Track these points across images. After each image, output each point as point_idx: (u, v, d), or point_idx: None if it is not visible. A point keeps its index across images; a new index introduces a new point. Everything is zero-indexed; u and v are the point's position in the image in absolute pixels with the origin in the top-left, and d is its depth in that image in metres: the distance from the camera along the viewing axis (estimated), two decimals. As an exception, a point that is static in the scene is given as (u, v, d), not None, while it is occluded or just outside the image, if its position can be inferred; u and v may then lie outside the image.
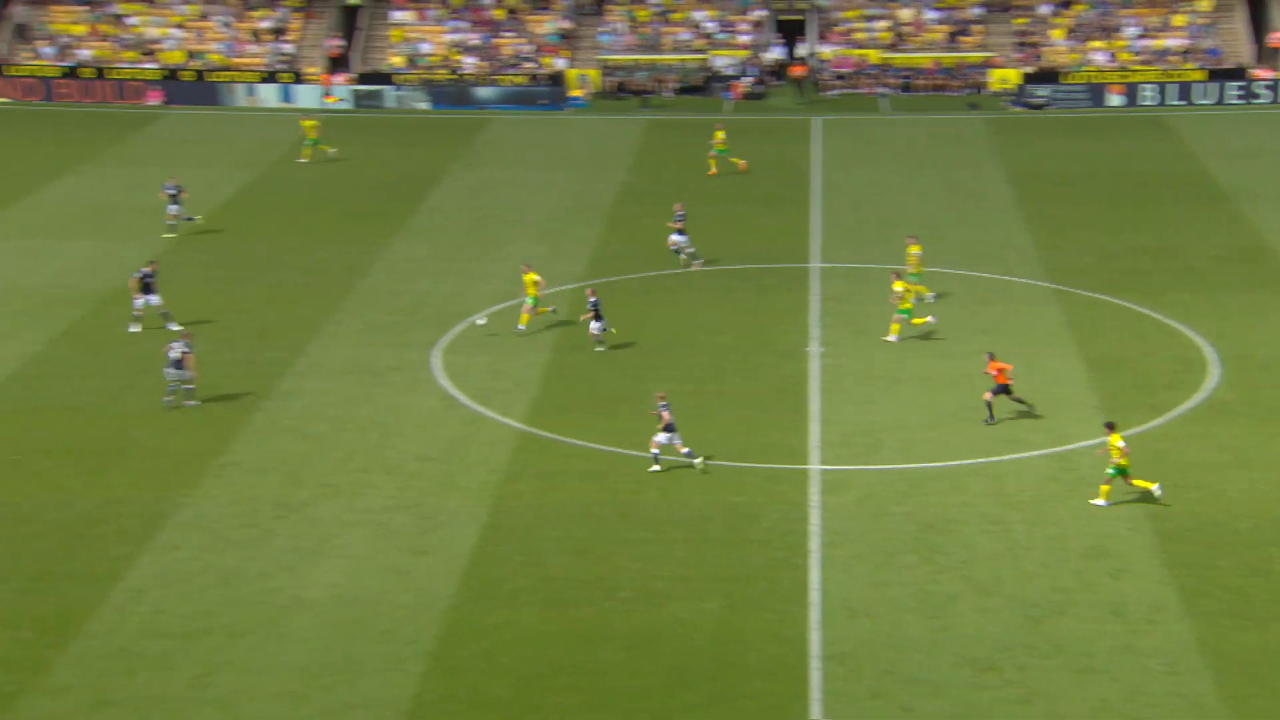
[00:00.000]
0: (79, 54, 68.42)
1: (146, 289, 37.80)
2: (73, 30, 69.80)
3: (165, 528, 28.26)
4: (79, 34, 69.61)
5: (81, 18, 70.41)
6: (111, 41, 69.16)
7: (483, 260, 44.99)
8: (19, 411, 33.29)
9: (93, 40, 69.25)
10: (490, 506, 29.48)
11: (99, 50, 68.66)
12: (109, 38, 69.40)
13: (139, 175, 54.12)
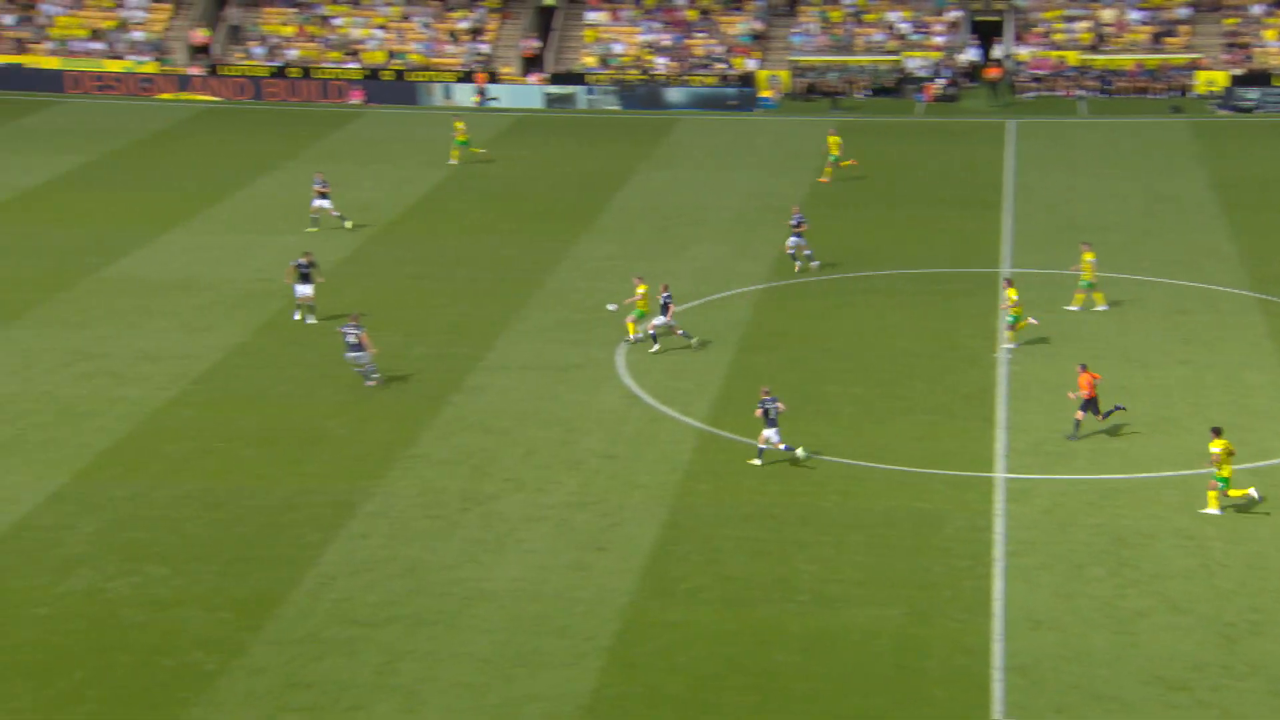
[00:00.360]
0: (287, 54, 70.58)
1: (304, 279, 38.72)
2: (282, 31, 72.04)
3: (355, 516, 28.94)
4: (288, 35, 71.81)
5: (291, 19, 72.62)
6: (318, 42, 71.20)
7: (667, 259, 45.11)
8: (221, 400, 34.44)
9: (300, 41, 71.38)
10: (670, 505, 29.54)
11: (305, 51, 70.75)
12: (315, 38, 71.46)
13: (338, 172, 55.48)
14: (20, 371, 35.55)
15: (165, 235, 46.89)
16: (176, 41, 71.52)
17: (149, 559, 27.11)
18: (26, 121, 62.12)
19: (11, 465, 30.58)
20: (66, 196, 51.16)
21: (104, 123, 62.93)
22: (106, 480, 30.16)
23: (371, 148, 59.52)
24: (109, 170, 55.14)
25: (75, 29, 71.30)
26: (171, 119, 63.94)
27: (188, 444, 32.01)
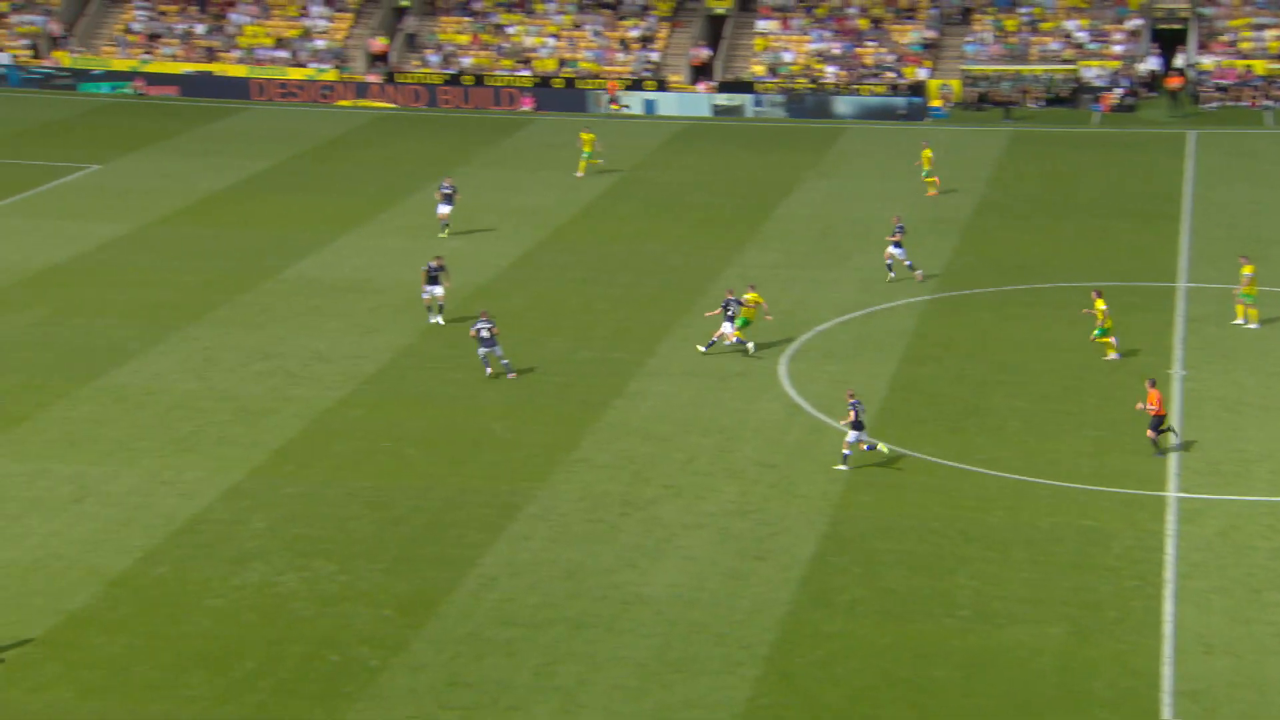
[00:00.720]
0: (461, 62, 71.76)
1: (432, 280, 39.26)
2: (457, 40, 73.27)
3: (517, 518, 29.23)
4: (462, 43, 73.01)
5: (466, 28, 73.81)
6: (491, 50, 72.25)
7: (831, 269, 44.74)
8: (390, 401, 35.10)
9: (474, 49, 72.51)
10: (830, 516, 29.26)
11: (479, 59, 71.85)
12: (489, 47, 72.53)
13: (507, 178, 56.29)
14: (201, 370, 36.68)
15: (341, 238, 47.99)
16: (356, 50, 73.23)
17: (318, 555, 27.73)
18: (215, 127, 64.18)
19: (191, 461, 31.56)
20: (250, 200, 52.70)
21: (286, 128, 64.71)
22: (279, 477, 30.95)
23: (540, 154, 60.16)
24: (290, 175, 56.66)
25: (262, 37, 73.47)
26: (349, 125, 65.46)
27: (356, 443, 32.68)
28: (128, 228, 48.90)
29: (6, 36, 73.85)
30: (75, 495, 29.91)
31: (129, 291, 42.53)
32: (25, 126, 64.10)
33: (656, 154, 59.92)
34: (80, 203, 51.86)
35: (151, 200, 52.29)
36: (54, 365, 36.79)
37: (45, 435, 32.72)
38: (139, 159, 58.64)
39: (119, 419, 33.68)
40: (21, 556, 27.44)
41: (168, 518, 29.07)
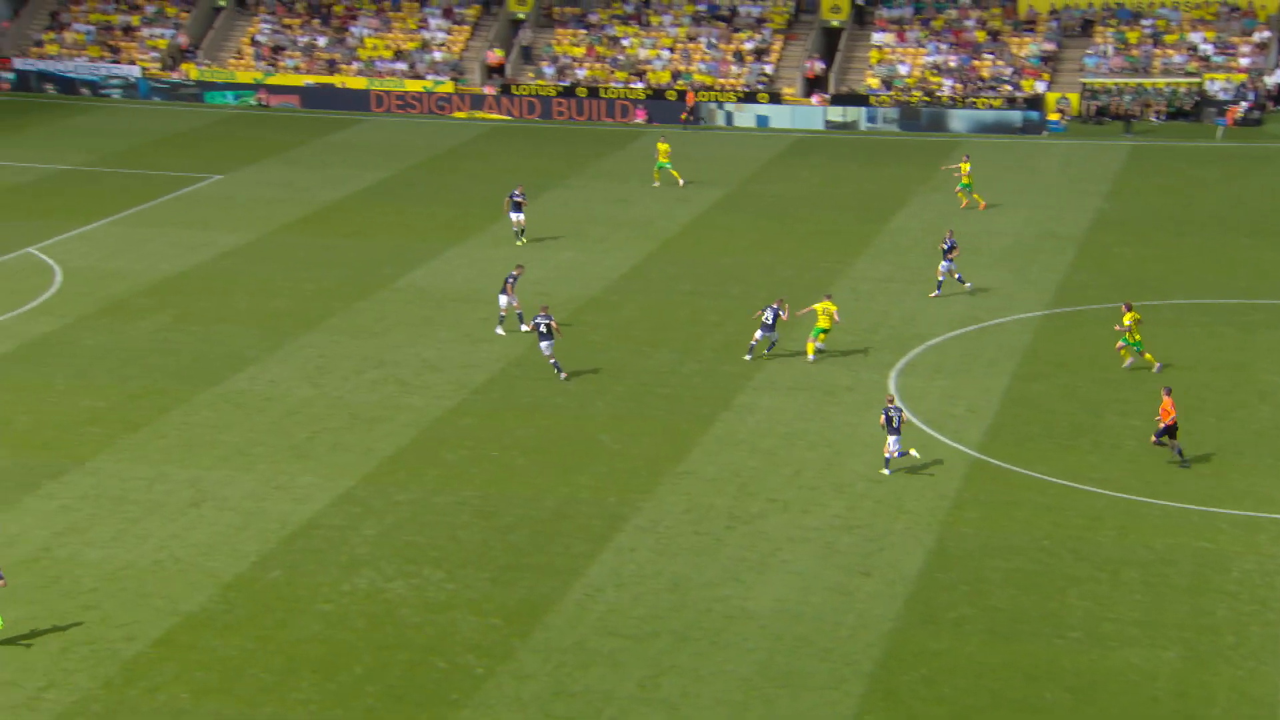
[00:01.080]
0: (576, 74, 72.23)
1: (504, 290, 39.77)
2: (572, 52, 73.77)
3: (623, 530, 29.31)
4: (577, 55, 73.50)
5: (581, 40, 74.30)
6: (606, 63, 72.63)
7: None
8: (499, 410, 35.40)
9: (589, 61, 72.95)
10: (937, 532, 28.95)
11: (594, 71, 72.26)
12: (604, 59, 72.92)
13: (619, 190, 56.54)
14: (315, 378, 37.29)
15: (453, 249, 48.52)
16: (472, 62, 74.04)
17: (426, 562, 28.04)
18: (333, 138, 65.26)
19: (306, 467, 32.09)
20: (366, 210, 53.51)
21: (403, 140, 65.60)
22: (390, 484, 31.35)
23: (652, 166, 60.31)
24: (405, 186, 57.42)
25: (381, 50, 74.59)
26: (464, 137, 66.19)
27: (465, 452, 33.00)
28: (248, 237, 49.90)
29: (137, 49, 75.78)
30: (193, 499, 30.56)
31: (248, 299, 43.39)
32: (153, 137, 65.72)
33: (768, 167, 59.77)
34: (203, 212, 53.03)
35: (271, 210, 53.31)
36: (175, 371, 37.64)
37: (165, 440, 33.48)
38: (260, 169, 59.83)
39: (236, 425, 34.36)
40: (140, 559, 28.09)
41: (281, 523, 29.59)
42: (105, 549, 28.41)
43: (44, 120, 68.61)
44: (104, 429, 33.95)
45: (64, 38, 76.32)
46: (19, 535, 28.85)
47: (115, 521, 29.51)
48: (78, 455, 32.41)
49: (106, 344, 39.47)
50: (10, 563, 27.70)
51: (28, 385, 36.50)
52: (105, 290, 43.75)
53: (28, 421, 34.18)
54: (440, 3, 76.98)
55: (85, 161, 60.56)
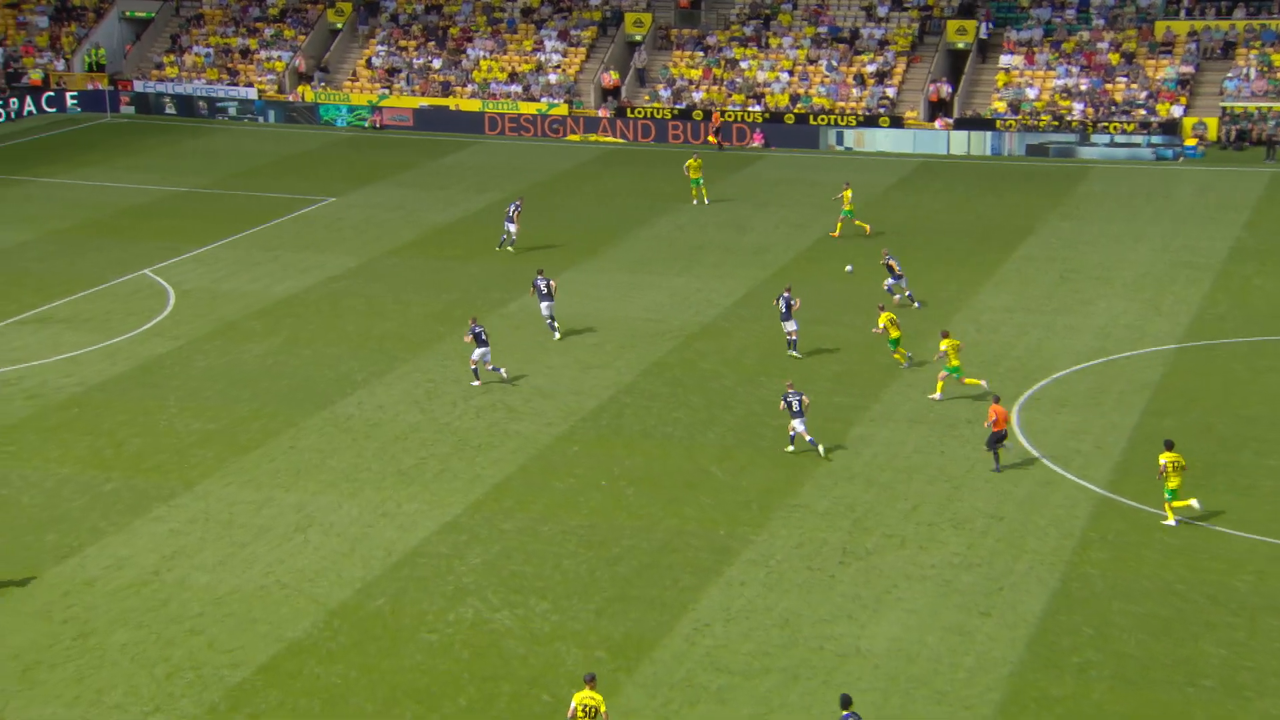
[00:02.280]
0: (693, 96, 72.42)
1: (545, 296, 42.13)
2: (689, 74, 73.98)
3: (733, 563, 29.19)
4: (693, 78, 73.70)
5: (698, 63, 74.49)
6: (723, 85, 72.73)
7: (1069, 314, 43.63)
8: (608, 438, 35.48)
9: (705, 83, 73.11)
10: (1061, 573, 28.43)
11: (710, 93, 72.39)
12: (720, 81, 73.03)
13: (733, 214, 56.48)
14: (424, 403, 37.69)
15: (565, 273, 48.79)
16: (587, 84, 74.61)
17: (532, 592, 28.15)
18: (446, 161, 66.07)
19: (412, 493, 32.42)
20: (477, 233, 54.06)
21: (516, 162, 66.28)
22: (496, 512, 31.55)
23: (769, 190, 60.25)
24: (517, 209, 57.90)
25: (496, 71, 75.48)
26: (578, 159, 66.67)
27: (573, 480, 33.12)
28: (359, 259, 50.67)
29: (255, 72, 77.51)
30: (299, 524, 31.02)
31: (357, 323, 44.03)
32: (268, 159, 67.11)
33: (889, 193, 59.38)
34: (315, 234, 53.97)
35: (383, 232, 54.09)
36: (284, 395, 38.28)
37: (273, 464, 34.04)
38: (372, 191, 60.78)
39: (344, 449, 34.83)
40: (246, 584, 28.56)
41: (387, 550, 29.90)
42: (212, 573, 28.93)
43: (163, 142, 70.39)
44: (214, 452, 34.61)
45: (184, 60, 78.31)
46: (129, 558, 29.49)
47: (223, 546, 30.04)
48: (187, 478, 33.07)
49: (217, 366, 40.28)
50: (119, 586, 28.33)
51: (141, 407, 37.36)
52: (217, 312, 44.67)
53: (140, 444, 34.96)
54: (556, 25, 77.73)
55: (201, 184, 61.97)
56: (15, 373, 39.71)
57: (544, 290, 42.05)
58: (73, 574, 28.83)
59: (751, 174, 63.61)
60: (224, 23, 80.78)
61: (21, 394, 38.17)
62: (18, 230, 54.09)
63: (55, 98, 76.74)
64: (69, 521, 31.05)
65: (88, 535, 30.43)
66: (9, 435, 35.57)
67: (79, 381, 39.04)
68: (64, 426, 36.12)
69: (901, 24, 74.14)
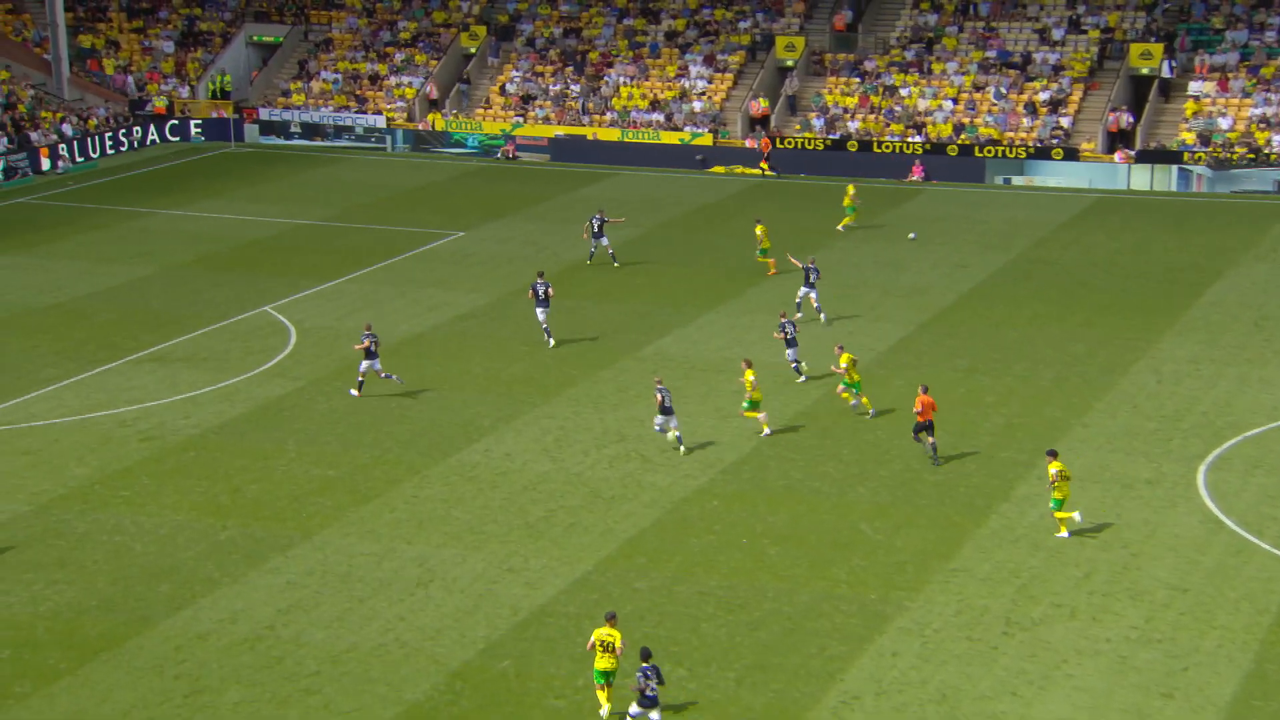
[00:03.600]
0: (848, 126, 72.26)
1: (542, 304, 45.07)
2: (844, 102, 73.85)
3: (886, 631, 28.86)
4: (849, 106, 73.55)
5: (854, 89, 74.32)
6: (881, 114, 72.47)
7: (1264, 365, 42.57)
8: (750, 492, 35.37)
9: (862, 112, 72.91)
10: (1256, 653, 27.63)
11: (867, 123, 72.18)
12: (878, 110, 72.78)
13: (891, 253, 56.14)
14: (554, 451, 37.95)
15: (706, 314, 48.88)
16: (734, 113, 74.88)
17: (666, 658, 28.08)
18: (582, 193, 66.70)
19: (540, 548, 32.61)
20: (613, 271, 54.41)
21: (656, 195, 66.65)
22: (629, 570, 31.58)
23: (929, 227, 59.81)
24: (657, 245, 58.23)
25: (636, 99, 76.13)
26: (722, 193, 66.85)
27: (712, 537, 33.05)
28: (488, 297, 51.30)
29: (384, 99, 79.16)
30: (421, 579, 31.36)
31: (484, 364, 44.53)
32: (395, 191, 68.38)
33: (1061, 230, 58.58)
34: (442, 270, 54.79)
35: (514, 269, 54.72)
36: (407, 440, 38.81)
37: (395, 514, 34.50)
38: (504, 225, 61.56)
39: (469, 500, 35.18)
40: (365, 641, 28.91)
41: (513, 608, 30.08)
42: (329, 629, 29.35)
43: (287, 172, 72.16)
44: (333, 500, 35.19)
45: (311, 87, 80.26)
46: (243, 611, 30.05)
47: (341, 600, 30.48)
48: (306, 528, 33.66)
49: (339, 409, 40.99)
50: (233, 641, 28.87)
51: (259, 451, 38.15)
52: (339, 352, 45.51)
53: (257, 490, 35.68)
54: (702, 50, 78.20)
55: (326, 216, 63.34)
56: (131, 413, 40.83)
57: (541, 295, 44.71)
58: (186, 627, 29.45)
59: (910, 209, 63.17)
60: (353, 47, 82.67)
61: (137, 435, 39.23)
62: (137, 265, 55.75)
63: (179, 126, 79.13)
64: (183, 571, 31.76)
65: (202, 586, 31.09)
66: (124, 479, 36.56)
67: (196, 423, 40.01)
68: (180, 470, 37.02)
69: (1079, 48, 73.27)
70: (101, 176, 71.89)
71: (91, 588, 30.93)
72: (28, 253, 57.73)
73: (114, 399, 41.83)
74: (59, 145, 73.05)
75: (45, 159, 72.22)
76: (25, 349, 46.04)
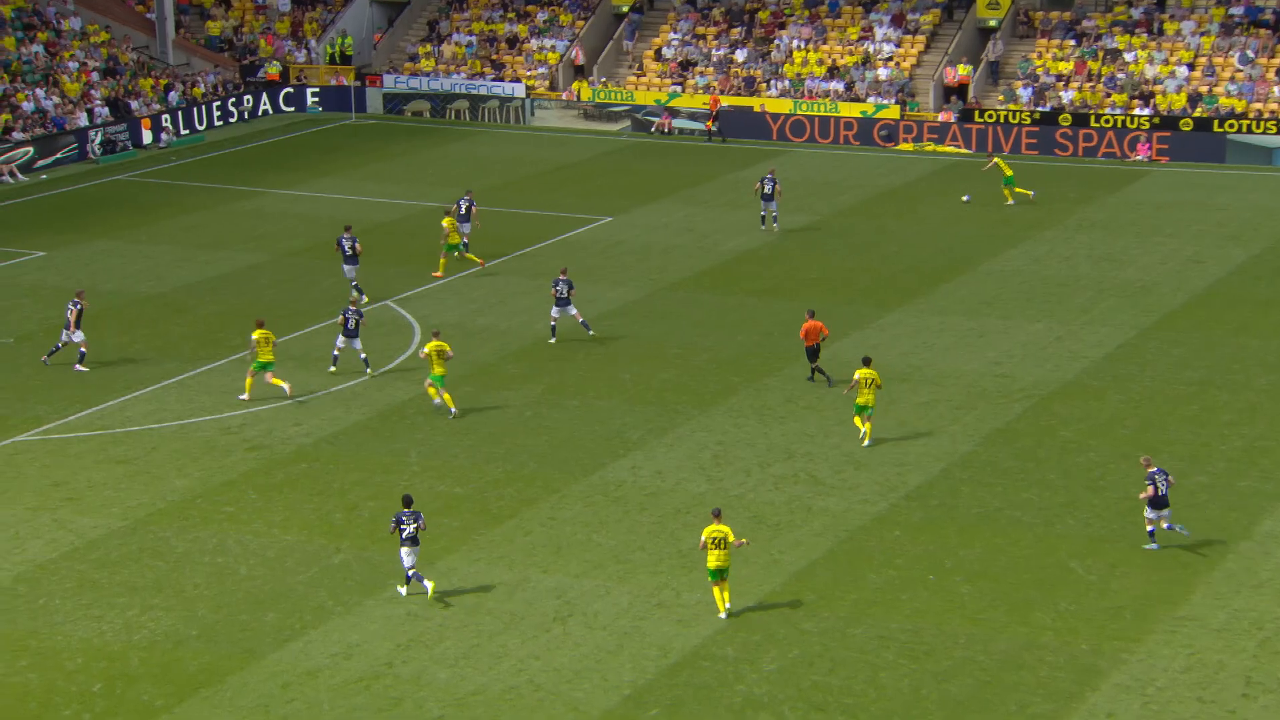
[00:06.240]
0: (1061, 97, 71.22)
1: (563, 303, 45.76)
2: (1057, 68, 72.81)
3: (1099, 687, 28.43)
4: (1063, 73, 72.48)
5: (1069, 54, 73.26)
6: (1100, 83, 71.35)
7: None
8: (938, 521, 35.07)
9: (1078, 81, 71.84)
10: None
11: (1084, 93, 71.10)
12: (1097, 78, 71.66)
13: (1109, 245, 55.28)
14: (710, 470, 37.94)
15: (888, 315, 48.55)
16: (925, 81, 74.29)
17: (838, 710, 27.95)
18: (747, 173, 66.60)
19: (694, 580, 32.54)
20: (782, 262, 54.29)
21: (832, 176, 66.37)
22: (796, 608, 31.46)
23: (1156, 215, 58.85)
24: (833, 233, 57.98)
25: (812, 65, 75.89)
26: (910, 174, 66.36)
27: (893, 572, 32.81)
28: (638, 292, 51.49)
29: (523, 65, 79.89)
30: (558, 613, 31.54)
31: (634, 369, 44.66)
32: (535, 169, 68.97)
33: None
34: (587, 260, 55.07)
35: (666, 259, 54.86)
36: (544, 454, 39.08)
37: (529, 538, 34.76)
38: (656, 210, 61.74)
39: (613, 523, 35.32)
40: (493, 682, 29.15)
41: (662, 649, 30.12)
42: (454, 668, 29.64)
43: (413, 148, 73.16)
44: (460, 521, 35.56)
45: (441, 51, 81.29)
46: (359, 645, 30.47)
47: (468, 635, 30.77)
48: (430, 552, 33.95)
49: (467, 418, 41.39)
50: (347, 679, 29.27)
51: (377, 463, 38.68)
52: (468, 354, 45.95)
53: (374, 508, 36.18)
54: (890, 8, 77.73)
55: (455, 197, 64.02)
56: (238, 419, 41.66)
57: (563, 295, 45.95)
58: (294, 662, 29.94)
59: (1133, 194, 62.22)
60: (490, 6, 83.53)
61: (243, 444, 40.01)
62: (248, 251, 56.89)
63: (294, 95, 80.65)
64: (292, 598, 32.30)
65: (313, 616, 31.58)
66: (228, 493, 37.30)
67: (308, 431, 40.70)
68: (289, 484, 37.67)
69: (1344, 1, 71.56)
70: (208, 151, 73.59)
71: (191, 615, 31.59)
72: (126, 236, 59.26)
73: (218, 402, 42.73)
74: (162, 116, 74.85)
75: (146, 131, 74.04)
76: (122, 344, 47.19)
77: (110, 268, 55.37)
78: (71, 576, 33.07)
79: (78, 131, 71.32)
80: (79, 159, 70.74)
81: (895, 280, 52.04)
